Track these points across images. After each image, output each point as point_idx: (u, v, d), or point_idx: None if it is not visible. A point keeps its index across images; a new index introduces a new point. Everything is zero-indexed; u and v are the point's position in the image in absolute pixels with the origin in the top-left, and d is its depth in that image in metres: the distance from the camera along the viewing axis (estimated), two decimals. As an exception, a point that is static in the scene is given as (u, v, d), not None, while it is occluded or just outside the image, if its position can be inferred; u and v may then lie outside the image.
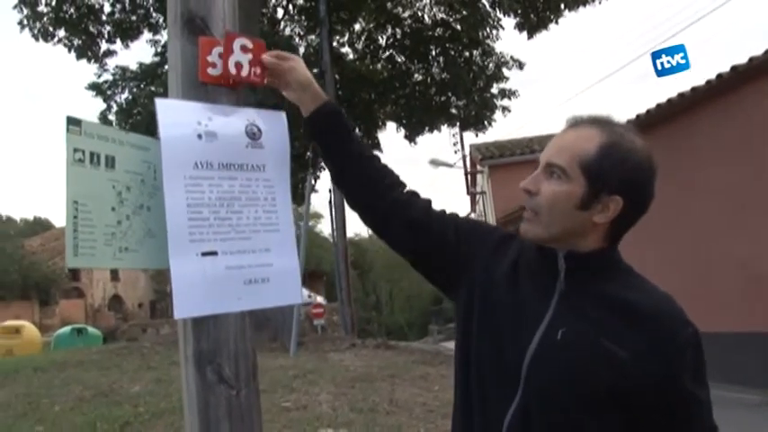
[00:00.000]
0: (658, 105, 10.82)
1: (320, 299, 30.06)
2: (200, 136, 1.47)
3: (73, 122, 1.33)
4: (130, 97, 17.81)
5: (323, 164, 22.43)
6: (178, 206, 1.42)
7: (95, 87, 17.91)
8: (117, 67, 18.06)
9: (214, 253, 1.46)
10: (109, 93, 17.96)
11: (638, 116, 11.26)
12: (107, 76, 17.93)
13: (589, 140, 1.35)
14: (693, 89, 10.00)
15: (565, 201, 1.34)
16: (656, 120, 11.08)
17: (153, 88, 16.86)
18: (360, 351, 11.83)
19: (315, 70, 17.34)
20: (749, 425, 7.62)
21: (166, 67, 1.61)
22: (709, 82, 9.70)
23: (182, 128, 1.44)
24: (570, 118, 1.43)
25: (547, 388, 1.30)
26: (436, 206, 1.64)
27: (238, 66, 1.51)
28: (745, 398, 9.30)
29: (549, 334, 1.32)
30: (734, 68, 9.29)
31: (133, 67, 18.16)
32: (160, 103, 1.44)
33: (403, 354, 11.81)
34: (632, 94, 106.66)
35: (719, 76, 9.52)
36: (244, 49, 1.52)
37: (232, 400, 1.48)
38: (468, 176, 28.04)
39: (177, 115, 1.45)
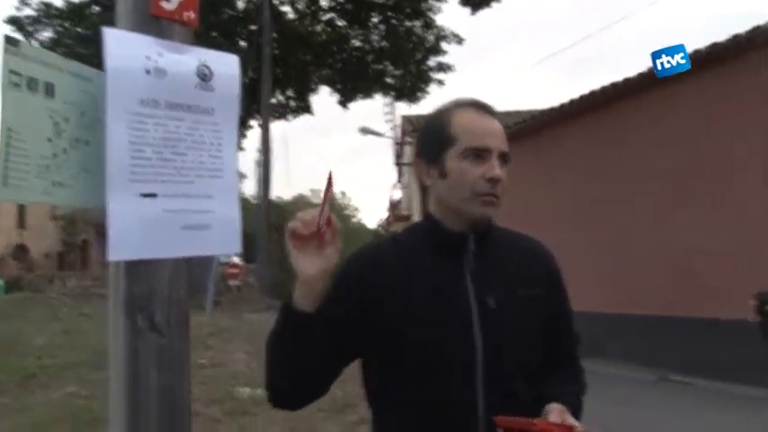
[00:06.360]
0: (592, 92, 11.13)
1: (236, 259, 29.60)
2: (148, 71, 1.39)
3: (11, 42, 1.24)
4: (55, 36, 16.91)
5: (250, 122, 21.79)
6: (120, 143, 1.35)
7: (15, 22, 16.92)
8: (41, 2, 17.08)
9: (154, 195, 1.40)
10: (30, 29, 17.00)
11: (571, 101, 11.56)
12: (29, 11, 16.95)
13: None
14: (626, 80, 10.32)
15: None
16: (586, 108, 11.40)
17: (80, 30, 16.05)
18: (277, 312, 11.76)
19: (253, 27, 16.94)
20: (649, 402, 8.06)
21: (96, 7, 1.50)
22: (641, 74, 10.02)
23: (129, 60, 1.37)
24: (481, 103, 1.57)
25: (502, 348, 1.45)
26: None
27: None
28: (646, 377, 9.84)
29: (481, 305, 1.45)
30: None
31: (59, 3, 17.22)
32: (108, 33, 1.35)
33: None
34: (566, 80, 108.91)
35: (651, 68, 9.83)
36: None
37: (163, 349, 1.43)
38: (397, 147, 28.10)
39: (126, 47, 1.37)
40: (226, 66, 1.55)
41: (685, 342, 9.66)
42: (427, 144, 1.57)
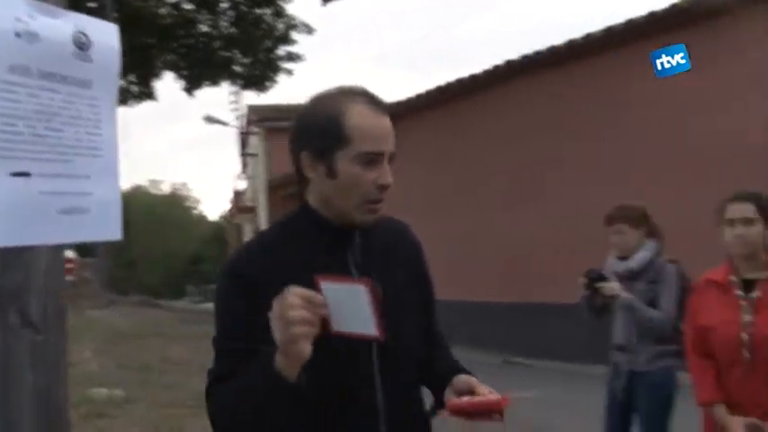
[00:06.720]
0: (438, 88, 11.50)
1: (70, 253, 27.77)
2: (18, 34, 1.24)
3: None
4: None
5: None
6: (-14, 115, 1.19)
7: None
8: None
9: (27, 174, 1.25)
10: None
11: (418, 96, 11.88)
12: None
13: None
14: (472, 75, 10.75)
15: None
16: (434, 102, 11.77)
17: None
18: (120, 308, 11.22)
19: (92, 5, 15.86)
20: (494, 383, 8.48)
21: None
22: (486, 71, 10.50)
23: (-3, 21, 1.21)
24: (376, 98, 1.48)
25: (394, 339, 1.43)
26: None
27: None
28: (491, 360, 10.37)
29: None
30: (508, 62, 10.14)
31: None
32: (-29, -13, 1.19)
33: (167, 312, 11.42)
34: (422, 70, 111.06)
35: (496, 66, 10.34)
36: None
37: (37, 345, 1.29)
38: (242, 137, 27.57)
39: (-8, 5, 1.21)
40: (105, 35, 1.42)
41: (525, 326, 10.27)
42: (314, 137, 1.45)
